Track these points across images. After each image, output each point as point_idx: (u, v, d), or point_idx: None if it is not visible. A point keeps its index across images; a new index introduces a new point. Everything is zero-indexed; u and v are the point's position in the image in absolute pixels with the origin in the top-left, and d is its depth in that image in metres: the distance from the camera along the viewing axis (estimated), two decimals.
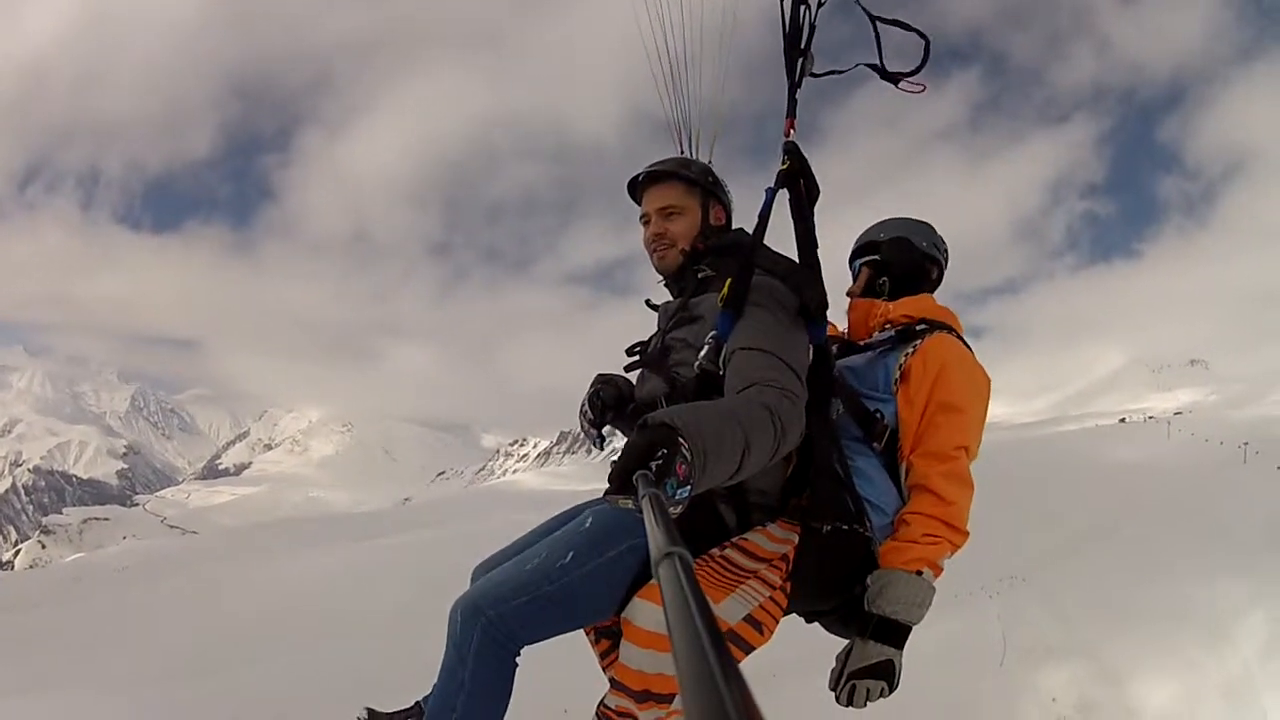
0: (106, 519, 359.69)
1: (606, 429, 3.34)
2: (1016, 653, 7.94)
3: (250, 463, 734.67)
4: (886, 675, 2.98)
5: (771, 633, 2.90)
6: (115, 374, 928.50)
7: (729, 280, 2.97)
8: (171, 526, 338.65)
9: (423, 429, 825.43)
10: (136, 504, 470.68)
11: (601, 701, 2.85)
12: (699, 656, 0.82)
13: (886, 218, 3.83)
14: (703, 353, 2.92)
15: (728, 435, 2.30)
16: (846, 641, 3.12)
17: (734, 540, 2.96)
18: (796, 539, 2.95)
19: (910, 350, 3.30)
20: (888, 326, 3.47)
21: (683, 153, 3.64)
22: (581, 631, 3.07)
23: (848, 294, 3.72)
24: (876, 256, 3.67)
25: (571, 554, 2.83)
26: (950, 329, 3.43)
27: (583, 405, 3.35)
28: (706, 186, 3.32)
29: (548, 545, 2.94)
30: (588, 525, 2.96)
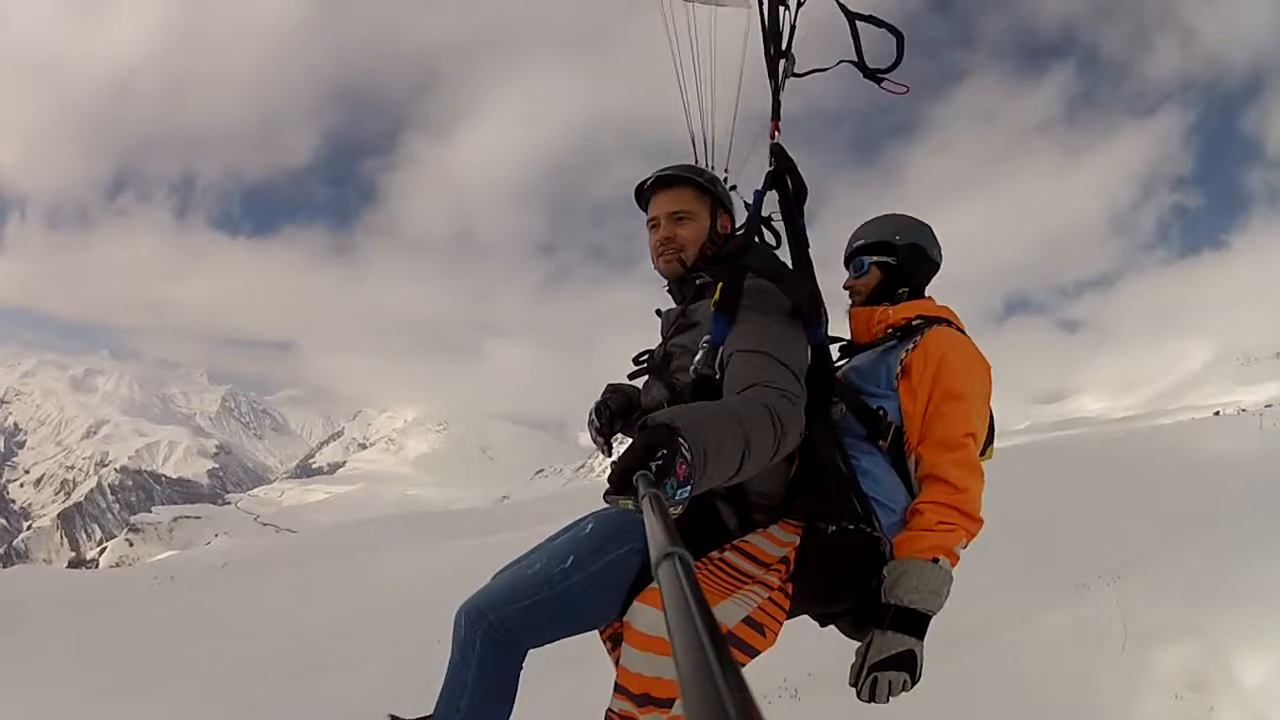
0: (198, 517, 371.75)
1: (616, 437, 3.47)
2: (1136, 637, 8.08)
3: (344, 462, 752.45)
4: (908, 666, 3.01)
5: (775, 635, 2.96)
6: (205, 376, 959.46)
7: (720, 284, 3.13)
8: (265, 524, 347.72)
9: (520, 427, 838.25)
10: (228, 502, 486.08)
11: (609, 706, 2.89)
12: (699, 657, 0.84)
13: (888, 214, 3.93)
14: (697, 357, 3.07)
15: (728, 436, 2.38)
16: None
17: (734, 542, 3.06)
18: (798, 541, 3.03)
19: (911, 346, 3.44)
20: (890, 330, 3.59)
21: (698, 162, 3.79)
22: (597, 637, 3.17)
23: (849, 287, 3.86)
24: (890, 260, 3.78)
25: (572, 558, 2.99)
26: (949, 322, 3.57)
27: (590, 414, 3.56)
28: (716, 194, 3.49)
29: (550, 550, 3.12)
30: (589, 530, 3.12)
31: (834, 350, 3.60)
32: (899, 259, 3.77)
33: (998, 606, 9.56)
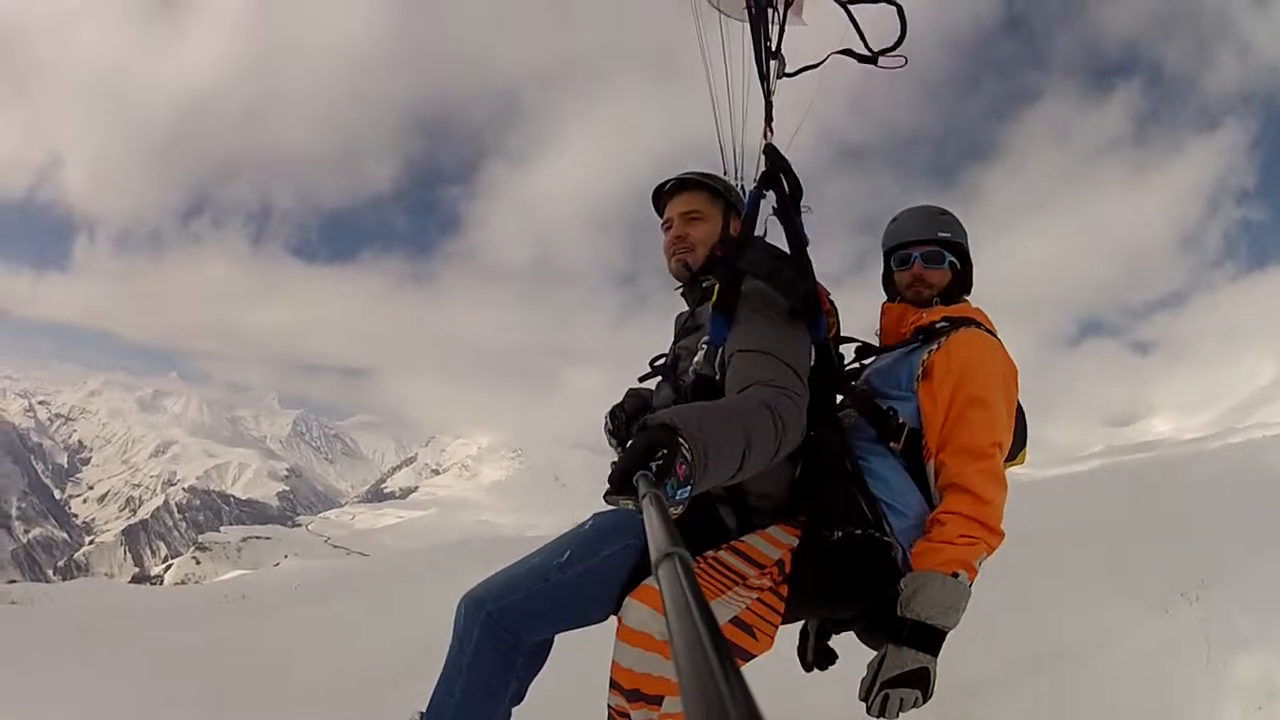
0: (267, 538, 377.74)
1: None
2: (1217, 652, 7.56)
3: (417, 487, 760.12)
4: (921, 683, 2.97)
5: (770, 638, 2.95)
6: (276, 400, 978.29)
7: (717, 284, 3.20)
8: (336, 547, 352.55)
9: (594, 455, 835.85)
10: (298, 524, 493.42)
11: (607, 701, 2.92)
12: (699, 656, 0.85)
13: (933, 206, 3.80)
14: (697, 357, 3.16)
15: (728, 434, 2.41)
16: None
17: (730, 542, 3.06)
18: (796, 543, 3.01)
19: (935, 347, 3.34)
20: (916, 332, 3.50)
21: (725, 173, 3.83)
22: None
23: (920, 277, 3.64)
24: (955, 261, 3.67)
25: (568, 553, 3.06)
26: (979, 324, 3.46)
27: (605, 417, 3.61)
28: (730, 199, 3.61)
29: (549, 546, 3.17)
30: (587, 527, 3.21)
31: (850, 351, 3.65)
32: (963, 264, 3.71)
33: (1080, 629, 9.21)
